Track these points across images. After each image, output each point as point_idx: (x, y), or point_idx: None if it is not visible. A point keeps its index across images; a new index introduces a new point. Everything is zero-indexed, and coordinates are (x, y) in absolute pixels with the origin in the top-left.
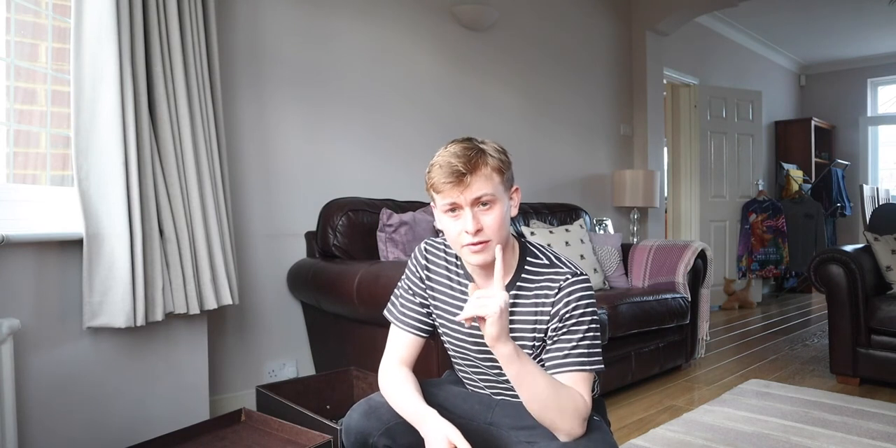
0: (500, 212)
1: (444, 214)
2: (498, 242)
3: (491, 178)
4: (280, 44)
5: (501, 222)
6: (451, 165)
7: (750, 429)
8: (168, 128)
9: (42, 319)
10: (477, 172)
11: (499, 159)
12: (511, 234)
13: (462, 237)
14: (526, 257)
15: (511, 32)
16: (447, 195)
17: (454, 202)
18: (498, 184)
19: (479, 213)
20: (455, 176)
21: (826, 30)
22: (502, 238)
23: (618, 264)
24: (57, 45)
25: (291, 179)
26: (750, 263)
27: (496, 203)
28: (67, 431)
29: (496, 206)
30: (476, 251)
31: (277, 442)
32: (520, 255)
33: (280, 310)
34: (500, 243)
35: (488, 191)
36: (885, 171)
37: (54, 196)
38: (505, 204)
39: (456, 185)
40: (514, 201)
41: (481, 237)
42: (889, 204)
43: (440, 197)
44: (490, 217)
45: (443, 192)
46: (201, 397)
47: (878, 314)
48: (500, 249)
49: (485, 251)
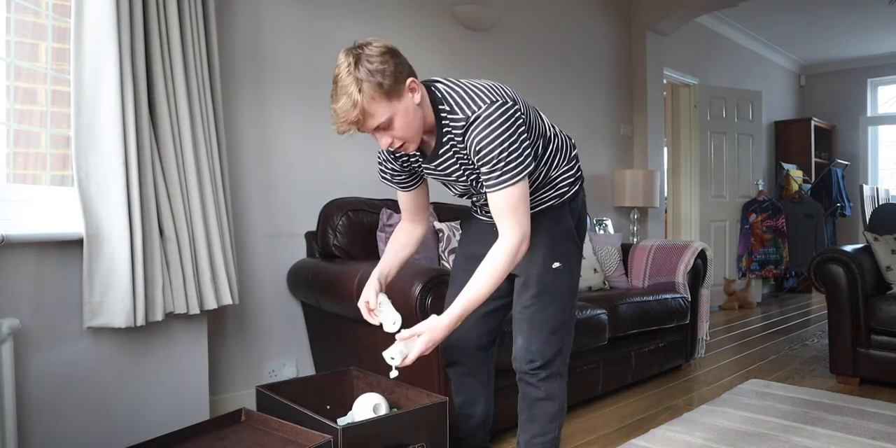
0: (401, 122)
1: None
2: (412, 137)
3: (376, 110)
4: (280, 44)
5: (406, 129)
6: (338, 118)
7: (750, 429)
8: (168, 127)
9: (42, 319)
10: (361, 114)
11: (375, 85)
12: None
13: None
14: (440, 113)
15: (511, 32)
16: (356, 132)
17: (364, 133)
18: (386, 106)
19: (385, 132)
20: (348, 125)
21: (826, 30)
22: (414, 134)
23: (618, 264)
24: (57, 45)
25: (291, 179)
26: (750, 263)
27: (395, 117)
28: (67, 431)
29: (395, 121)
30: (402, 152)
31: (277, 442)
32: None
33: (280, 310)
34: (414, 135)
35: (382, 118)
36: (885, 171)
37: (54, 196)
38: (402, 109)
39: (354, 128)
40: (415, 90)
41: (395, 145)
42: (889, 204)
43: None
44: (395, 130)
45: (350, 132)
46: (201, 397)
47: (878, 314)
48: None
49: (407, 149)
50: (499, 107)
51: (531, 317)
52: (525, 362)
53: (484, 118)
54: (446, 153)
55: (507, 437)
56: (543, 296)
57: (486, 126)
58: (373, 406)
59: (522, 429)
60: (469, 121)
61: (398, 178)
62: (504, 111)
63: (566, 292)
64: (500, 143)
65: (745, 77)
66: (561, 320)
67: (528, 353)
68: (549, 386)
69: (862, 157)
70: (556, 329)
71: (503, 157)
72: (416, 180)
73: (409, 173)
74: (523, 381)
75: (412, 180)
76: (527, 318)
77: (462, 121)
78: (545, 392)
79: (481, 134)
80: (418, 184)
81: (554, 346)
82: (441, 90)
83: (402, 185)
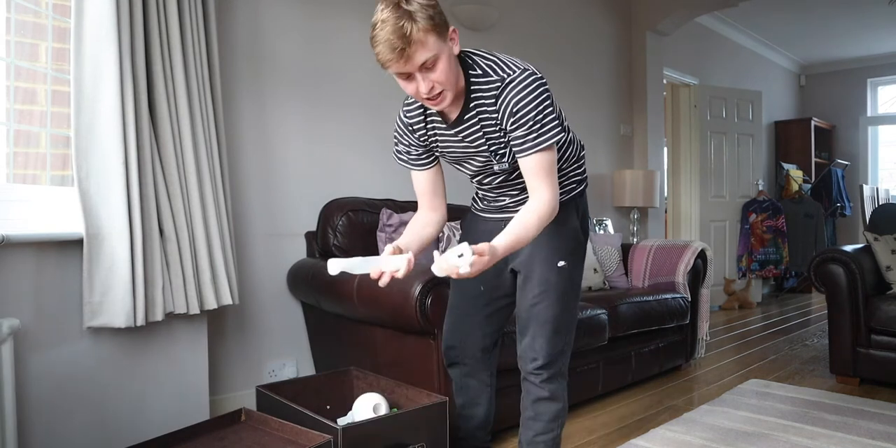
0: (445, 64)
1: (398, 79)
2: (449, 88)
3: (427, 42)
4: (280, 44)
5: (448, 72)
6: (389, 42)
7: (750, 429)
8: (168, 127)
9: (42, 319)
10: (413, 43)
11: (427, 18)
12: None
13: (419, 95)
14: (469, 78)
15: (511, 32)
16: (394, 68)
17: (402, 72)
18: (435, 42)
19: (427, 74)
20: (396, 52)
21: (826, 30)
22: (452, 83)
23: (618, 264)
24: (57, 45)
25: (291, 179)
26: (750, 263)
27: (440, 58)
28: (67, 431)
29: (440, 62)
30: (434, 104)
31: (277, 442)
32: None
33: (280, 310)
34: (451, 87)
35: (429, 54)
36: (885, 171)
37: (54, 196)
38: (446, 54)
39: (398, 59)
40: (455, 40)
41: (435, 92)
42: (889, 204)
43: (389, 69)
44: (437, 73)
45: (389, 66)
46: (201, 397)
47: (878, 314)
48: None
49: (441, 102)
50: (532, 73)
51: (536, 316)
52: (529, 361)
53: (521, 81)
54: (471, 120)
55: (508, 437)
56: (548, 294)
57: (524, 87)
58: (373, 406)
59: (525, 427)
60: (505, 82)
61: (414, 154)
62: (538, 79)
63: (570, 291)
64: (537, 105)
65: (745, 77)
66: (564, 319)
67: (532, 351)
68: (553, 386)
69: (862, 157)
70: (560, 328)
71: (539, 118)
72: (432, 159)
73: (425, 149)
74: (527, 380)
75: (428, 158)
76: (532, 317)
77: (496, 82)
78: (549, 392)
79: (519, 94)
80: (434, 163)
81: (557, 345)
82: (472, 56)
83: (418, 163)
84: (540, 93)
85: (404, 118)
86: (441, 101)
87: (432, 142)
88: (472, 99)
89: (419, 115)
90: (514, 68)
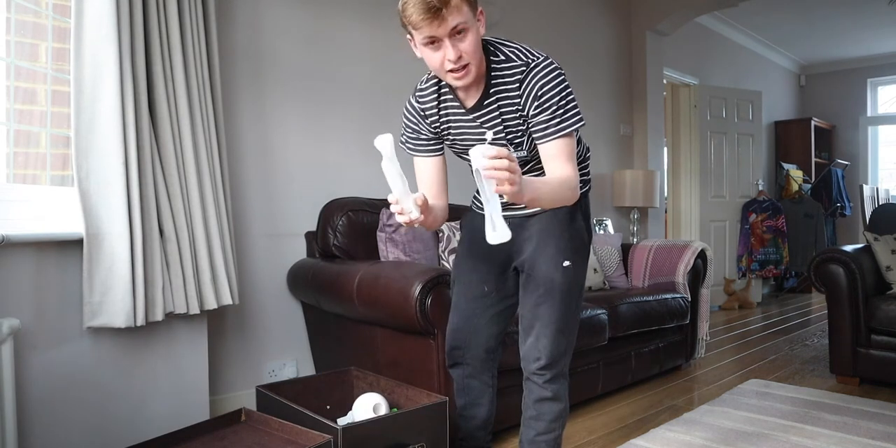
0: (474, 37)
1: (424, 47)
2: (475, 63)
3: (462, 8)
4: (280, 44)
5: (476, 45)
6: (425, 2)
7: (750, 429)
8: (168, 128)
9: (42, 319)
10: (449, 5)
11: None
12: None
13: (445, 65)
14: (490, 63)
15: (511, 32)
16: (426, 30)
17: (433, 36)
18: (468, 11)
19: (457, 42)
20: (431, 12)
21: (826, 30)
22: (478, 59)
23: (618, 264)
24: (57, 45)
25: (291, 179)
26: (750, 263)
27: (469, 30)
28: (67, 431)
29: (470, 33)
30: (459, 77)
31: (277, 442)
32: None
33: (280, 310)
34: (477, 63)
35: (462, 20)
36: (885, 171)
37: (54, 196)
38: (475, 27)
39: (433, 20)
40: (482, 22)
41: (462, 62)
42: (889, 204)
43: (419, 33)
44: (466, 43)
45: (421, 28)
46: (201, 397)
47: (878, 314)
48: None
49: (466, 75)
50: (554, 62)
51: (540, 316)
52: (532, 361)
53: (545, 66)
54: (490, 105)
55: (508, 437)
56: (552, 294)
57: (549, 73)
58: (373, 406)
59: (526, 426)
60: (530, 66)
61: (423, 139)
62: (559, 68)
63: (574, 291)
64: (561, 91)
65: (745, 77)
66: (567, 320)
67: (536, 351)
68: (555, 386)
69: (862, 157)
70: (564, 329)
71: (563, 103)
72: (439, 146)
73: (435, 136)
74: (530, 380)
75: (436, 145)
76: (536, 317)
77: (521, 66)
78: (552, 392)
79: (545, 79)
80: (440, 151)
81: (561, 345)
82: (494, 43)
83: (426, 148)
84: (562, 80)
85: (416, 103)
86: (466, 75)
87: (444, 128)
88: (492, 85)
89: (433, 100)
90: (537, 55)
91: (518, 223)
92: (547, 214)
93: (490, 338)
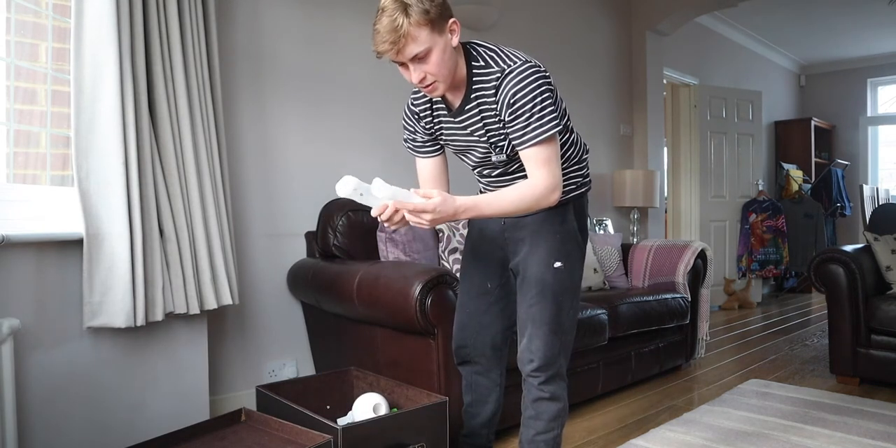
0: (437, 58)
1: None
2: (441, 79)
3: (418, 36)
4: (280, 44)
5: (441, 63)
6: (381, 34)
7: (750, 429)
8: (168, 128)
9: (42, 319)
10: (402, 37)
11: (422, 12)
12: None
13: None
14: (472, 69)
15: (511, 32)
16: (388, 57)
17: (395, 61)
18: (427, 36)
19: (420, 65)
20: (388, 44)
21: (826, 30)
22: (445, 75)
23: (618, 264)
24: (57, 45)
25: (291, 179)
26: (750, 263)
27: (431, 52)
28: (67, 431)
29: (432, 55)
30: (428, 91)
31: (277, 442)
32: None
33: (280, 310)
34: (444, 77)
35: (420, 48)
36: (885, 171)
37: (54, 196)
38: (441, 45)
39: (389, 51)
40: (455, 31)
41: (426, 82)
42: (889, 204)
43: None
44: (429, 64)
45: (384, 55)
46: (201, 397)
47: (878, 314)
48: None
49: (435, 90)
50: (532, 66)
51: (533, 317)
52: (526, 363)
53: (520, 72)
54: (472, 110)
55: (509, 437)
56: (544, 295)
57: (522, 79)
58: (373, 406)
59: (525, 426)
60: (504, 72)
61: (420, 141)
62: (538, 71)
63: (566, 292)
64: (535, 98)
65: (745, 77)
66: (561, 321)
67: (529, 352)
68: (552, 387)
69: (862, 157)
70: (557, 330)
71: (535, 111)
72: (437, 147)
73: (431, 137)
74: (527, 381)
75: (433, 146)
76: (529, 317)
77: (497, 73)
78: (549, 393)
79: (517, 86)
80: (438, 152)
81: (554, 347)
82: (477, 48)
83: (423, 150)
84: (538, 85)
85: (412, 106)
86: (433, 90)
87: (438, 130)
88: (473, 90)
89: (425, 103)
90: (514, 60)
91: (513, 222)
92: (540, 215)
93: (496, 334)
